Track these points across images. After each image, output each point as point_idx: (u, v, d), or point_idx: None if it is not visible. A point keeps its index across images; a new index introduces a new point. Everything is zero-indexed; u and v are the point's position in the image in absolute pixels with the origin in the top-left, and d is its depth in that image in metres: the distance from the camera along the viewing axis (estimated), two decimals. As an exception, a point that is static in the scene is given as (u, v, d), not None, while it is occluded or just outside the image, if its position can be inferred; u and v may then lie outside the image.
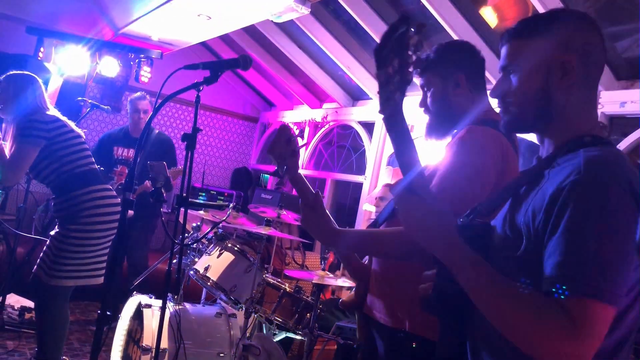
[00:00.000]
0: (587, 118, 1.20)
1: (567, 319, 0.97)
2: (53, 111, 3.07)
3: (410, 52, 1.08)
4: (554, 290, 1.00)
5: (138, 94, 4.60)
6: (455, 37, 3.74)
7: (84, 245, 2.96)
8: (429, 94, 1.85)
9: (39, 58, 4.92)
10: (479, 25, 3.73)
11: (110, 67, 5.16)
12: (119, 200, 3.11)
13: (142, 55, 5.30)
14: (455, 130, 1.80)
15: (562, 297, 0.99)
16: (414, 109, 1.86)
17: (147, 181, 4.08)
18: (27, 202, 4.18)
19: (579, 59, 1.17)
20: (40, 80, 3.11)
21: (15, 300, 4.23)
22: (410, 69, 1.09)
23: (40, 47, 5.16)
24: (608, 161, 1.08)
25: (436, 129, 1.87)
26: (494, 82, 1.39)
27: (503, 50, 1.26)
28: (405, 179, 1.14)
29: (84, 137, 3.15)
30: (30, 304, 4.22)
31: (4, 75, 3.10)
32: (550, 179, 1.11)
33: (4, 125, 3.06)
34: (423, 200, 1.13)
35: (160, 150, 4.41)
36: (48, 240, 3.01)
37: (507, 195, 1.23)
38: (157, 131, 4.64)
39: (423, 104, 1.88)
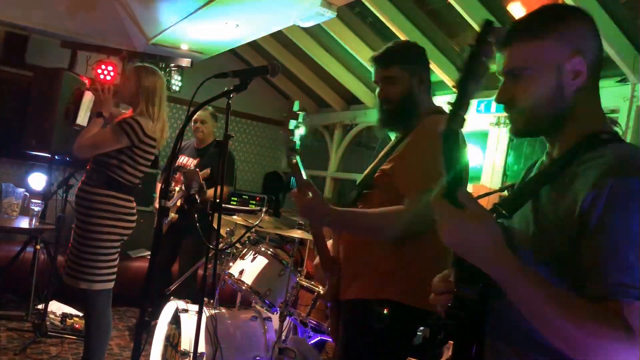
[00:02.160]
0: (596, 116, 1.19)
1: (624, 325, 0.95)
2: (162, 126, 3.11)
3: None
4: (606, 296, 0.98)
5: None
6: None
7: (98, 247, 2.97)
8: (392, 87, 2.01)
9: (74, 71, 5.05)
10: (506, 21, 3.70)
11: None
12: (133, 211, 3.12)
13: (173, 65, 5.39)
14: (417, 121, 1.98)
15: (617, 302, 0.97)
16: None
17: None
18: (66, 211, 4.30)
19: (588, 58, 1.16)
20: (162, 77, 3.19)
21: (57, 307, 4.35)
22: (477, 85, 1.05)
23: (75, 60, 5.32)
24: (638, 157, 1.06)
25: (397, 120, 2.04)
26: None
27: (506, 53, 1.20)
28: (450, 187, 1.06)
29: (158, 149, 3.18)
30: (71, 310, 4.33)
31: (137, 65, 3.22)
32: (579, 178, 1.08)
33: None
34: (469, 214, 1.04)
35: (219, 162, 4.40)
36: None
37: (528, 195, 1.19)
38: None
39: (383, 94, 2.03)
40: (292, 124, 1.99)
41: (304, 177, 1.97)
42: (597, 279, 1.00)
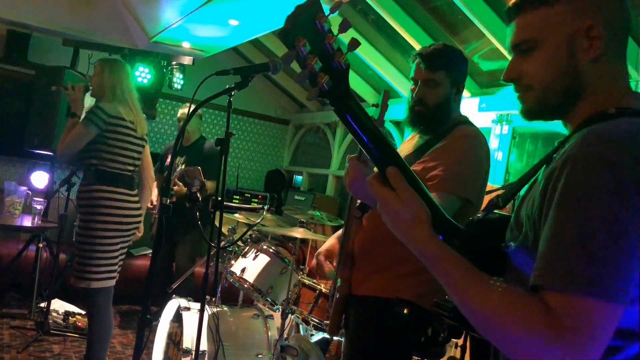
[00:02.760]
0: (616, 91, 1.03)
1: (551, 319, 0.85)
2: (130, 107, 3.13)
3: (326, 32, 1.01)
4: (536, 285, 0.89)
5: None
6: (486, 32, 3.70)
7: (95, 245, 2.98)
8: (432, 90, 1.98)
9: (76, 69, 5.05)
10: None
11: (143, 75, 5.27)
12: (134, 206, 3.14)
13: (174, 63, 5.39)
14: (447, 127, 1.99)
15: (545, 292, 0.87)
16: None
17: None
18: (68, 210, 4.30)
19: (603, 23, 1.01)
20: (127, 67, 3.25)
21: (59, 305, 4.35)
22: (344, 51, 1.01)
23: (76, 58, 5.32)
24: (620, 132, 0.91)
25: (428, 124, 2.02)
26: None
27: (512, 27, 1.09)
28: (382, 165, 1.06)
29: (140, 136, 3.18)
30: (74, 308, 4.34)
31: (100, 60, 3.27)
32: (558, 159, 0.96)
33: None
34: (397, 192, 1.04)
35: (204, 161, 4.43)
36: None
37: (523, 183, 1.12)
38: (206, 141, 4.62)
39: (420, 95, 1.99)
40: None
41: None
42: (537, 264, 0.90)
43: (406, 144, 2.22)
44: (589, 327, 0.84)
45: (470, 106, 4.27)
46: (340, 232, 2.19)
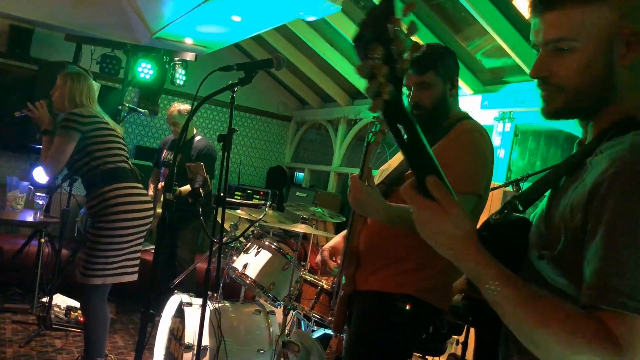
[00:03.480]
0: None
1: (607, 337, 0.85)
2: (95, 109, 3.16)
3: (397, 38, 0.89)
4: (597, 304, 0.88)
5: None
6: (490, 30, 3.69)
7: (109, 244, 3.01)
8: (425, 92, 2.00)
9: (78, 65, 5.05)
10: (512, 15, 3.68)
11: (146, 71, 5.26)
12: (146, 199, 3.18)
13: (177, 59, 5.39)
14: (448, 124, 2.00)
15: (601, 311, 0.88)
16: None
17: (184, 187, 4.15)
18: (70, 205, 4.31)
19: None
20: (89, 78, 3.25)
21: (61, 300, 4.36)
22: (406, 56, 0.90)
23: (79, 54, 5.31)
24: None
25: (427, 125, 1.99)
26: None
27: (546, 19, 1.02)
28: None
29: (121, 135, 3.22)
30: (75, 303, 4.35)
31: (61, 73, 3.27)
32: (592, 169, 0.96)
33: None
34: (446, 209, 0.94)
35: (198, 157, 4.43)
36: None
37: (546, 187, 1.09)
38: (199, 138, 4.64)
39: (416, 100, 2.01)
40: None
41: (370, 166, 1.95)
42: (590, 282, 0.90)
43: None
44: None
45: (472, 103, 4.27)
46: (346, 232, 2.19)
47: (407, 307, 1.86)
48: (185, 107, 4.60)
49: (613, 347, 0.85)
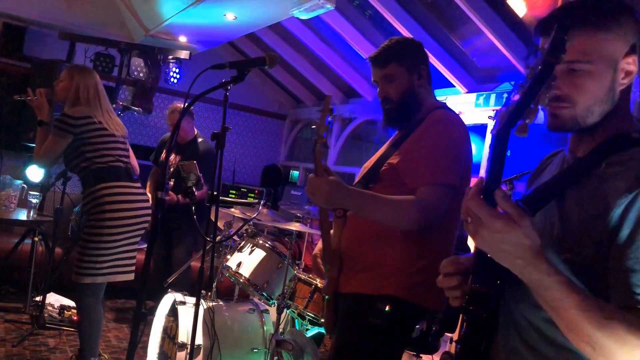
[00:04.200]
0: (628, 115, 1.15)
1: None
2: (100, 107, 3.10)
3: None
4: (635, 304, 0.96)
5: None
6: (484, 28, 3.70)
7: (99, 242, 2.97)
8: (391, 85, 2.00)
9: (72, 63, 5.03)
10: (506, 14, 3.68)
11: (140, 69, 5.24)
12: (142, 198, 3.15)
13: (171, 57, 5.37)
14: (421, 116, 1.98)
15: None
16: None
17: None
18: (64, 204, 4.29)
19: (638, 58, 1.11)
20: (96, 75, 3.18)
21: (55, 299, 4.35)
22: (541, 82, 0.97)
23: (72, 52, 5.30)
24: None
25: (398, 118, 2.03)
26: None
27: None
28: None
29: (121, 134, 3.16)
30: (69, 302, 4.34)
31: (68, 66, 3.26)
32: (608, 181, 1.05)
33: None
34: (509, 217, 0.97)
35: (200, 163, 4.40)
36: None
37: (550, 196, 1.15)
38: (201, 140, 4.62)
39: (383, 94, 2.02)
40: (327, 119, 1.94)
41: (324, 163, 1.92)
42: (625, 288, 0.98)
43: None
44: None
45: (466, 102, 4.28)
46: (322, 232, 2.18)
47: (387, 308, 1.84)
48: (180, 107, 4.59)
49: None
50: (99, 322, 3.14)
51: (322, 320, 2.89)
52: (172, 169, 4.30)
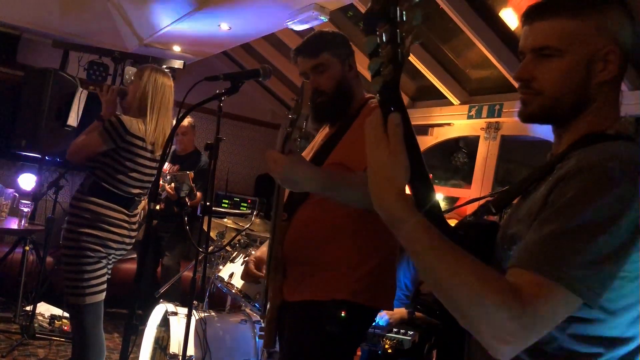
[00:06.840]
0: (611, 114, 1.08)
1: (515, 294, 0.86)
2: (156, 126, 2.81)
3: (404, 22, 0.89)
4: (515, 263, 0.92)
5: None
6: (476, 40, 3.72)
7: (77, 257, 2.69)
8: (324, 75, 1.90)
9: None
10: (499, 27, 3.71)
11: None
12: (131, 228, 2.84)
13: (165, 66, 5.37)
14: (354, 111, 1.88)
15: (518, 270, 0.90)
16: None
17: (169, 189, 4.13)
18: (56, 213, 4.27)
19: (621, 51, 1.06)
20: (170, 81, 2.91)
21: (45, 309, 4.32)
22: (409, 39, 0.90)
23: (66, 60, 5.28)
24: (626, 156, 0.96)
25: (331, 111, 1.94)
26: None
27: (536, 28, 1.09)
28: None
29: (154, 158, 2.85)
30: (60, 312, 4.31)
31: (140, 66, 3.04)
32: (558, 171, 1.01)
33: None
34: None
35: (200, 175, 4.39)
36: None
37: (518, 192, 1.13)
38: (204, 155, 4.58)
39: (314, 84, 1.89)
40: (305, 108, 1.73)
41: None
42: (525, 246, 0.94)
43: (317, 137, 2.11)
44: (547, 308, 0.88)
45: (459, 114, 4.30)
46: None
47: (342, 314, 1.74)
48: (189, 119, 4.65)
49: (517, 306, 0.86)
50: (102, 353, 2.79)
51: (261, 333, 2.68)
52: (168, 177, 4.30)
